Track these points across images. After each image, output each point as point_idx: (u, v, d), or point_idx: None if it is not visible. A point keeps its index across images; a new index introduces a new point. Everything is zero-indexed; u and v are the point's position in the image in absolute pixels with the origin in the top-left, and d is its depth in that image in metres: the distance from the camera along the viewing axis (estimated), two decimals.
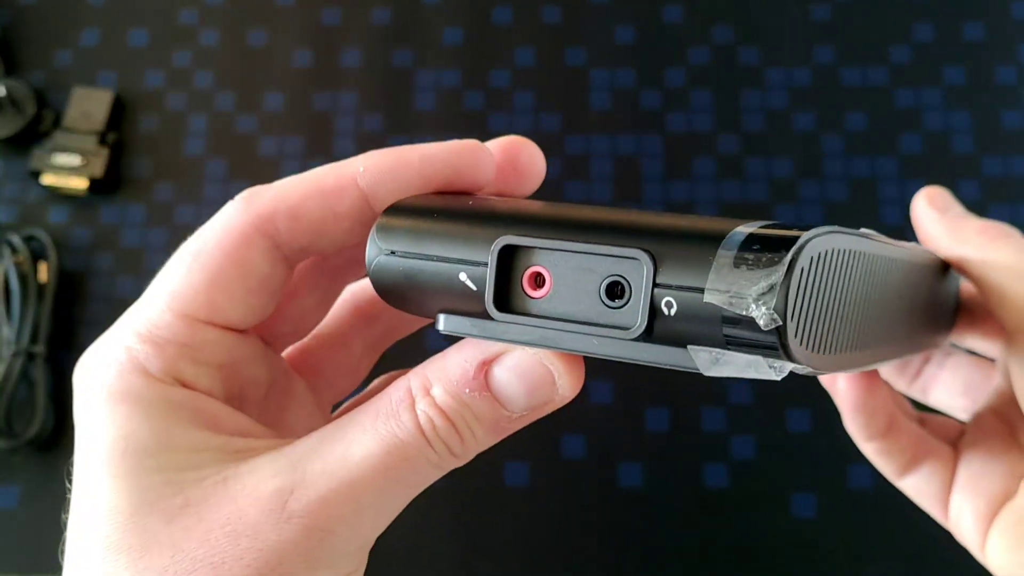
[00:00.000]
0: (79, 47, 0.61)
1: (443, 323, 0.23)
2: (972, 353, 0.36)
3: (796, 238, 0.19)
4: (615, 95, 0.58)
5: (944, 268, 0.32)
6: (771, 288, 0.19)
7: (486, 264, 0.22)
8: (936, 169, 0.56)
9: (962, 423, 0.36)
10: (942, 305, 0.33)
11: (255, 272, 0.25)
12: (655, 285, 0.20)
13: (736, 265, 0.19)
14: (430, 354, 0.23)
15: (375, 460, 0.22)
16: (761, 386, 0.52)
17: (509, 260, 0.22)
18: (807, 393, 0.34)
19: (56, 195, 0.57)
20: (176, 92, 0.59)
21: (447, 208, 0.24)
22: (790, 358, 0.19)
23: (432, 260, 0.23)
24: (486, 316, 0.22)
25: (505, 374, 0.23)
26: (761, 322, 0.19)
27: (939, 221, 0.34)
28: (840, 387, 0.33)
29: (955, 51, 0.58)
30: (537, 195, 0.27)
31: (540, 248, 0.22)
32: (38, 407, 0.51)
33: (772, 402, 0.52)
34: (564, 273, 0.22)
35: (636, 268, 0.21)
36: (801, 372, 0.20)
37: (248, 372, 0.26)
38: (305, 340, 0.30)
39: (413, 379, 0.23)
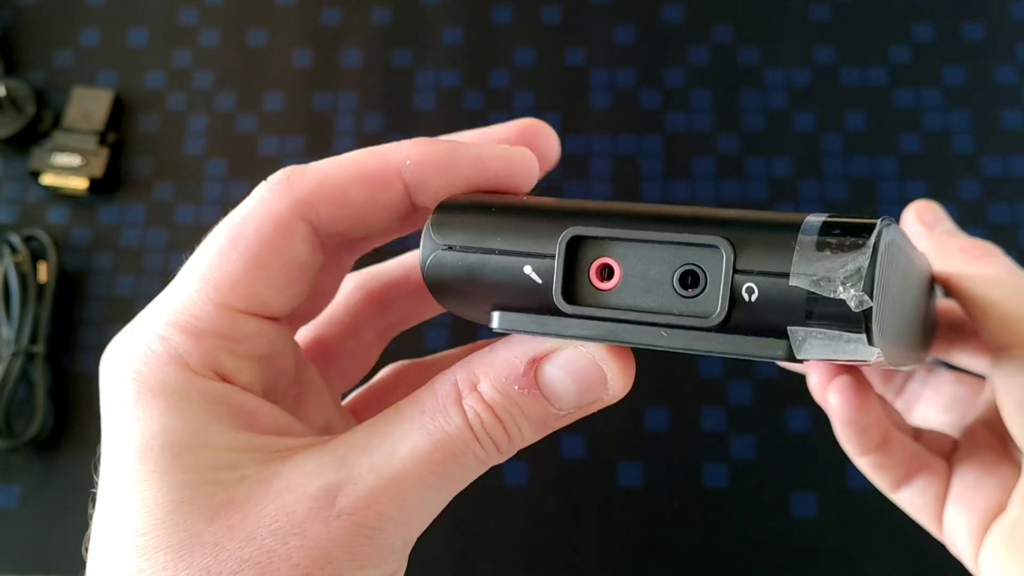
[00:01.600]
0: (79, 47, 0.61)
1: (497, 320, 0.23)
2: (956, 369, 0.37)
3: (873, 225, 0.20)
4: (615, 95, 0.58)
5: (933, 282, 0.32)
6: (858, 270, 0.19)
7: (553, 256, 0.22)
8: (936, 169, 0.56)
9: (956, 437, 0.35)
10: (930, 319, 0.33)
11: (296, 260, 0.23)
12: (735, 272, 0.20)
13: (819, 249, 0.20)
14: (425, 343, 0.23)
15: (421, 455, 0.22)
16: (761, 386, 0.52)
17: (575, 252, 0.22)
18: (807, 393, 0.34)
19: (56, 195, 0.57)
20: (176, 92, 0.59)
21: (505, 203, 0.23)
22: (871, 341, 0.20)
23: (494, 253, 0.22)
24: (547, 311, 0.22)
25: (556, 372, 0.22)
26: (852, 304, 0.19)
27: (926, 237, 0.34)
28: (832, 402, 0.32)
29: (955, 51, 0.58)
30: (538, 195, 0.27)
31: (609, 239, 0.22)
32: (38, 407, 0.51)
33: (772, 402, 0.51)
34: (634, 264, 0.22)
35: (713, 256, 0.21)
36: (873, 360, 0.20)
37: (279, 362, 0.25)
38: (318, 329, 0.29)
39: (459, 374, 0.23)
